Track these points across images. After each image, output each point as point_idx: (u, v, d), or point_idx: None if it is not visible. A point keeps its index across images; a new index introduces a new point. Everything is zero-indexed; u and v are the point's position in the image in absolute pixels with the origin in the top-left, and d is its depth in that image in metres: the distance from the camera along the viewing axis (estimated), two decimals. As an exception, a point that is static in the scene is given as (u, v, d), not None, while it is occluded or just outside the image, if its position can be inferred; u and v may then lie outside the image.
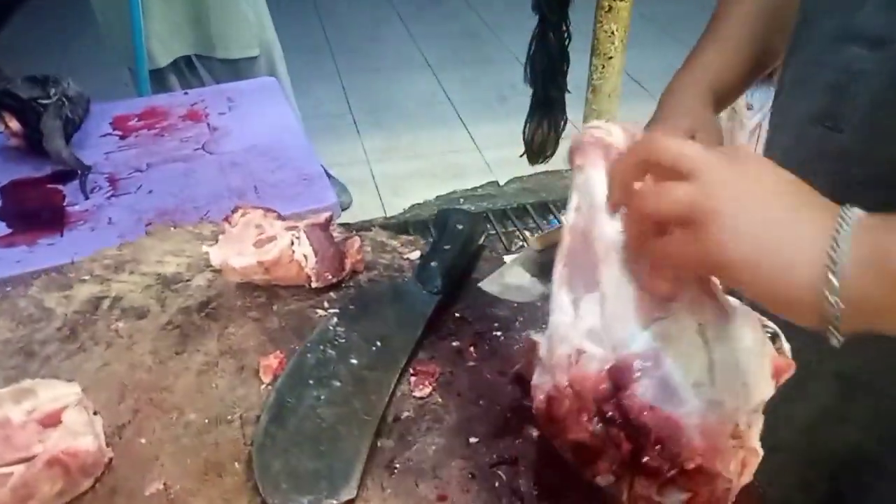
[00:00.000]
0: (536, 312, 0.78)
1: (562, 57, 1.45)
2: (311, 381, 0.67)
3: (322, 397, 0.65)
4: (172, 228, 0.91)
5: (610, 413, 0.49)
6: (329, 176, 2.63)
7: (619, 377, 0.49)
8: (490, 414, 0.66)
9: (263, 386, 0.69)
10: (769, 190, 0.43)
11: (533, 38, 1.48)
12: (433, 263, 0.79)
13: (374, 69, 3.56)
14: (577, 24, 1.76)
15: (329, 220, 0.85)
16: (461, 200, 2.59)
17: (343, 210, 2.60)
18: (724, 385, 0.48)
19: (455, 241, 0.82)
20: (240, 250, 0.82)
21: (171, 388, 0.68)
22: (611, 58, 1.37)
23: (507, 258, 0.81)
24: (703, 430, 0.47)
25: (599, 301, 0.52)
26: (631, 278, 0.51)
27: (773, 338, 0.51)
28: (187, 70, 2.25)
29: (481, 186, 2.66)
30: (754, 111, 1.37)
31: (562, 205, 2.53)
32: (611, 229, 0.52)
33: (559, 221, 2.50)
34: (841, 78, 0.62)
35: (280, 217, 0.85)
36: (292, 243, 0.80)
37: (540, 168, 2.16)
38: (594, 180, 0.56)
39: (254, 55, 2.22)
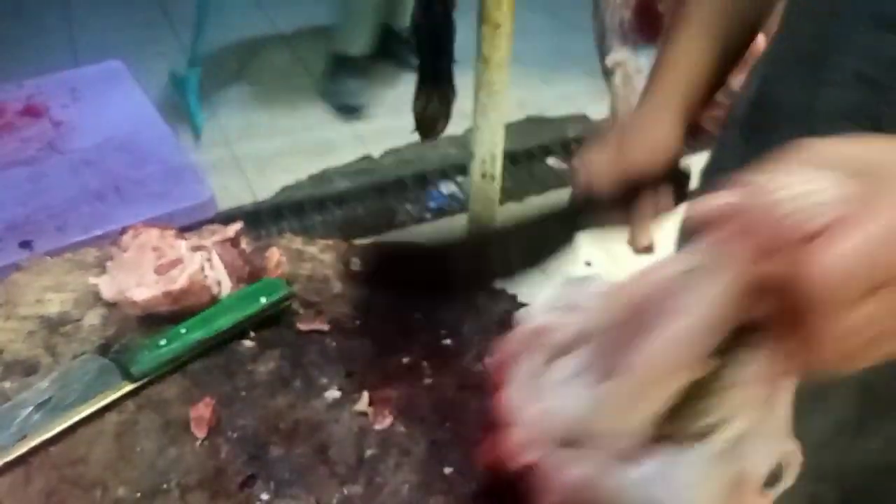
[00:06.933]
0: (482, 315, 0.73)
1: (447, 26, 1.39)
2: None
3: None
4: (49, 259, 0.77)
5: None
6: None
7: None
8: (460, 437, 0.61)
9: (199, 442, 0.59)
10: None
11: (415, 8, 1.41)
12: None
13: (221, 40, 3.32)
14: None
15: (239, 234, 0.75)
16: (335, 178, 2.48)
17: None
18: None
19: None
20: (138, 279, 0.70)
21: (86, 460, 0.58)
22: (499, 25, 1.33)
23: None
24: None
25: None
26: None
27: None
28: None
29: (356, 161, 2.55)
30: (643, 74, 1.36)
31: (439, 175, 2.48)
32: None
33: (438, 192, 2.45)
34: (872, 69, 0.53)
35: (180, 235, 0.74)
36: (203, 268, 0.70)
37: (416, 136, 2.09)
38: None
39: None
